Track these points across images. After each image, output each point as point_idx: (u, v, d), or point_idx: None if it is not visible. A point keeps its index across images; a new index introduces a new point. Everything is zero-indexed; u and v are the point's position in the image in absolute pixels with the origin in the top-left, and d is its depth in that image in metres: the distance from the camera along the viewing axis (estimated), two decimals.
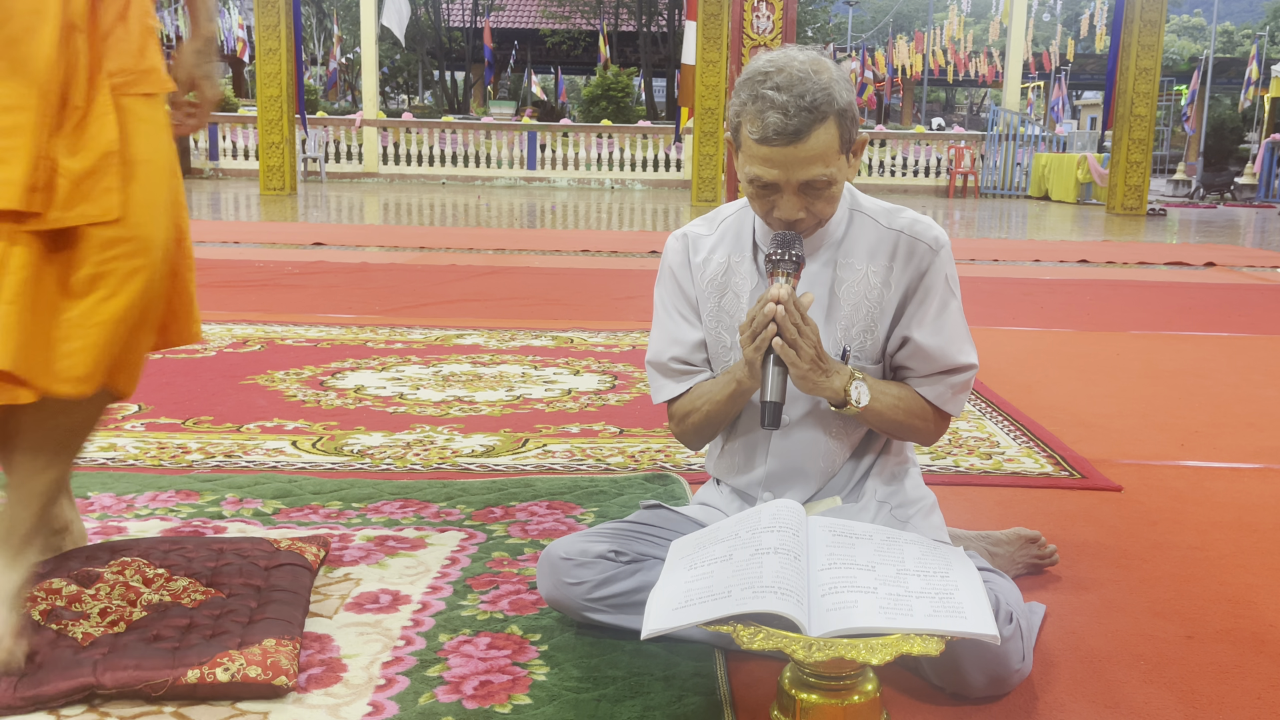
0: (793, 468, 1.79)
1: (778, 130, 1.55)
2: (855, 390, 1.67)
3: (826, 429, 1.77)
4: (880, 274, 1.73)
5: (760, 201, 1.66)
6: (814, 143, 1.56)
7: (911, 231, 1.73)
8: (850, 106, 1.60)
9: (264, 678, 1.51)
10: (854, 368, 1.72)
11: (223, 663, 1.52)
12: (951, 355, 1.73)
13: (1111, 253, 8.78)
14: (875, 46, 29.38)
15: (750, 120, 1.58)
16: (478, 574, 2.00)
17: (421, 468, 2.68)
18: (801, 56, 1.60)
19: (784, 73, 1.57)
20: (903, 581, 1.41)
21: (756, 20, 8.69)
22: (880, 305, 1.73)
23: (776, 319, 1.59)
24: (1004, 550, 2.07)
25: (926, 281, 1.72)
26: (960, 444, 2.99)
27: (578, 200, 14.97)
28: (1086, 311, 5.70)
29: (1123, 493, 2.61)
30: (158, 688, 1.49)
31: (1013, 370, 4.03)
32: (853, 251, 1.74)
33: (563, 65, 28.64)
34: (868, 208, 1.77)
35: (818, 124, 1.56)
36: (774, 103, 1.55)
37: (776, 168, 1.59)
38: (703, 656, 1.67)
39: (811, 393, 1.68)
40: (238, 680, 1.50)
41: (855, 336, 1.75)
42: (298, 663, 1.58)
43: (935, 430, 1.79)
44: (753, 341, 1.61)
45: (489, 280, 6.40)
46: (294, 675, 1.54)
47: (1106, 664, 1.72)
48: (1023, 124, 18.13)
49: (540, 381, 3.67)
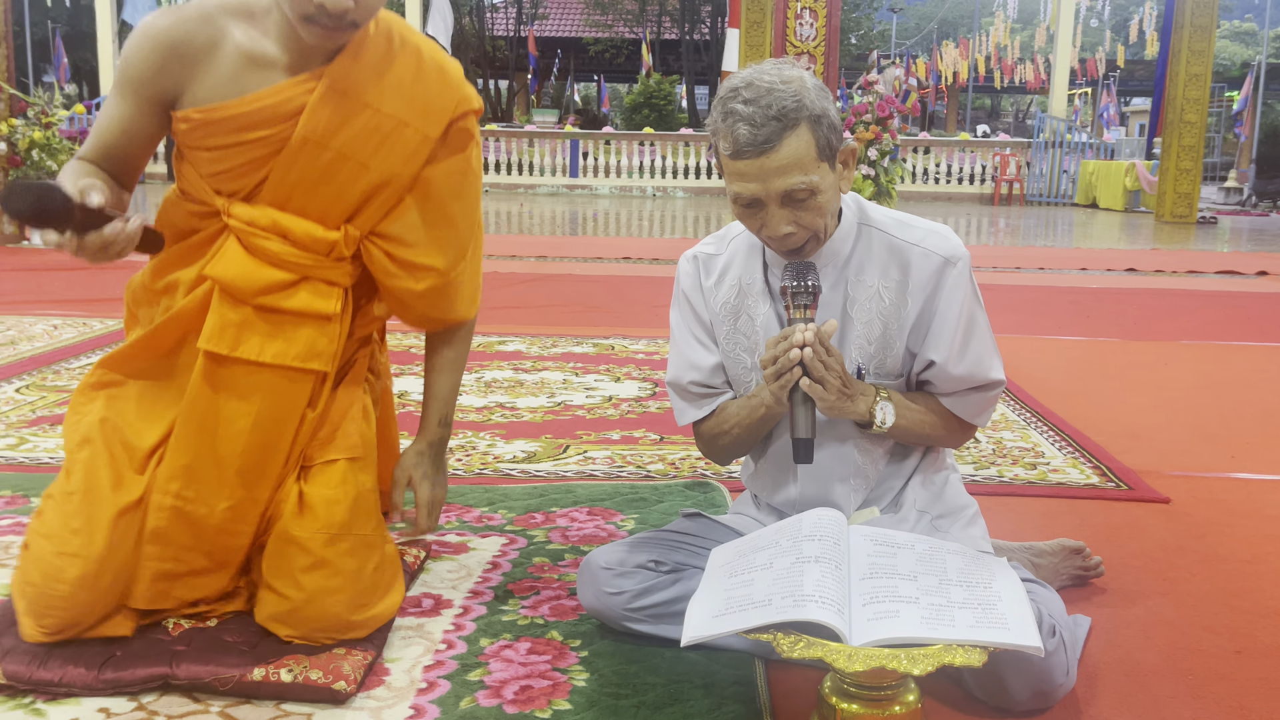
0: (824, 485, 1.77)
1: (748, 142, 1.54)
2: (880, 411, 1.66)
3: (856, 445, 1.76)
4: (894, 289, 1.70)
5: (749, 220, 1.63)
6: (786, 151, 1.54)
7: (925, 245, 1.69)
8: (826, 114, 1.57)
9: (324, 681, 1.54)
10: (877, 385, 1.71)
11: (288, 664, 1.57)
12: (979, 373, 1.71)
13: (1160, 261, 8.64)
14: (919, 54, 29.19)
15: (723, 137, 1.57)
16: (519, 579, 2.01)
17: (464, 473, 2.70)
18: (771, 70, 1.58)
19: (752, 87, 1.55)
20: (945, 592, 1.40)
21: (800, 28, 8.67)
22: (897, 322, 1.70)
23: (804, 361, 1.57)
24: (1048, 561, 2.05)
25: (945, 298, 1.68)
26: (1004, 454, 2.96)
27: (619, 208, 15.00)
28: (1134, 321, 5.62)
29: (1171, 505, 2.57)
30: (225, 682, 1.54)
31: (1058, 380, 3.98)
32: (863, 268, 1.71)
33: (605, 73, 28.73)
34: (877, 220, 1.73)
35: (787, 131, 1.54)
36: (742, 115, 1.54)
37: (753, 181, 1.56)
38: (742, 665, 1.67)
39: (838, 417, 1.67)
40: (299, 682, 1.54)
41: (872, 355, 1.72)
42: (364, 671, 1.60)
43: (960, 439, 1.79)
44: (777, 380, 1.59)
45: (531, 287, 6.43)
46: (354, 682, 1.56)
47: (1153, 679, 1.69)
48: (1069, 131, 17.91)
49: (581, 388, 3.68)
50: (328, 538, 1.62)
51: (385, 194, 1.68)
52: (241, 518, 1.64)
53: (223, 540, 1.64)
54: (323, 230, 1.65)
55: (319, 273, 1.66)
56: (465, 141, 1.74)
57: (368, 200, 1.67)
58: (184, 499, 1.61)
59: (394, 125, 1.64)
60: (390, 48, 1.65)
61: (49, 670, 1.54)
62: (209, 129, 1.60)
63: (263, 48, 1.59)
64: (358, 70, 1.61)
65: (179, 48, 1.57)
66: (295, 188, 1.63)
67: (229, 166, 1.62)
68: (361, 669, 1.59)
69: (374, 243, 1.70)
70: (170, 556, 1.61)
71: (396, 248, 1.71)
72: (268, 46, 1.59)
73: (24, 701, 1.52)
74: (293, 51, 1.59)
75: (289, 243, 1.64)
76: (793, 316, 1.61)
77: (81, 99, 18.84)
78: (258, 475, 1.65)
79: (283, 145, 1.60)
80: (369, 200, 1.67)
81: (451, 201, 1.74)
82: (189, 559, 1.62)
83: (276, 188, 1.63)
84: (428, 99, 1.67)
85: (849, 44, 30.46)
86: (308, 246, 1.64)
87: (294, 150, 1.60)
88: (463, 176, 1.74)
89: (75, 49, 25.83)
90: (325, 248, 1.65)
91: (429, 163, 1.70)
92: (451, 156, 1.72)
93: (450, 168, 1.72)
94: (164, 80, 1.59)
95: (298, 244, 1.64)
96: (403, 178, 1.68)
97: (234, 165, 1.62)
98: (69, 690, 1.53)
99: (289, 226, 1.63)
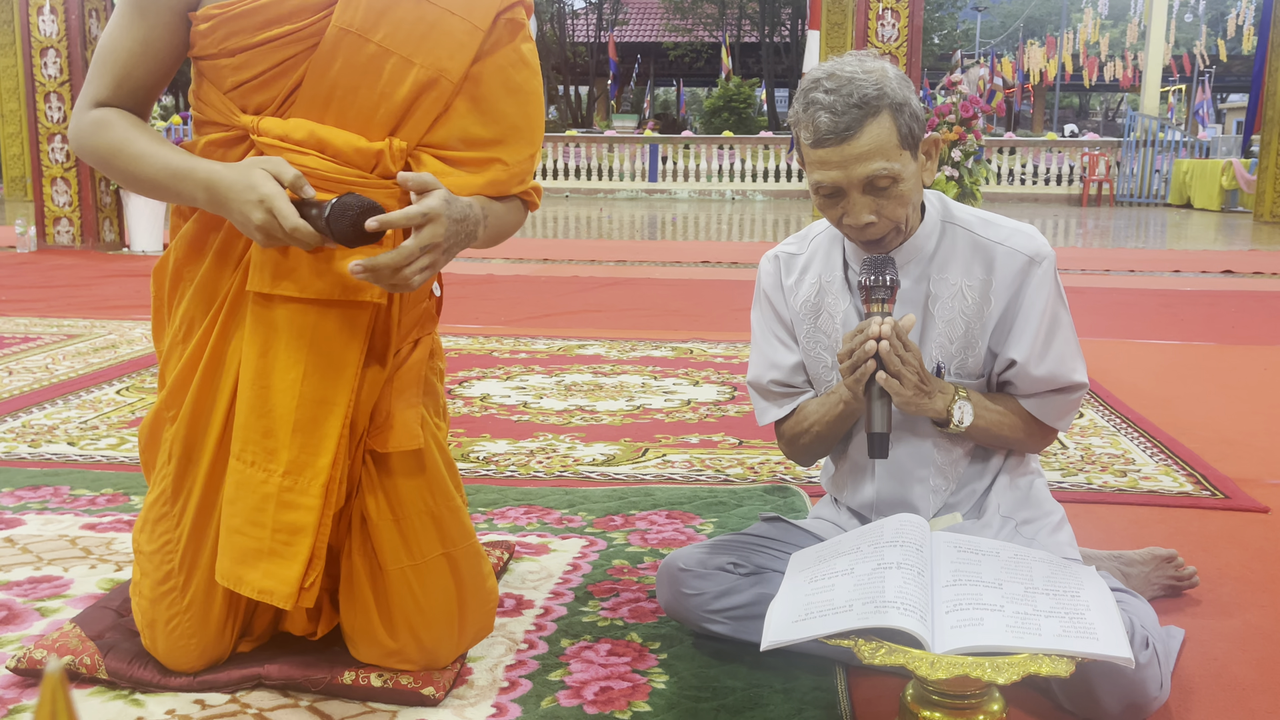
0: (903, 485, 1.75)
1: (829, 129, 1.54)
2: (959, 410, 1.65)
3: (935, 443, 1.74)
4: (977, 288, 1.68)
5: (830, 210, 1.63)
6: (867, 138, 1.54)
7: (1010, 244, 1.67)
8: (908, 102, 1.57)
9: (414, 686, 1.56)
10: (956, 384, 1.69)
11: (378, 668, 1.59)
12: (1061, 375, 1.68)
13: (1259, 263, 8.34)
14: (1004, 53, 28.62)
15: (804, 126, 1.58)
16: (598, 581, 2.03)
17: (544, 475, 2.73)
18: (852, 60, 1.59)
19: (833, 77, 1.56)
20: (1031, 600, 1.38)
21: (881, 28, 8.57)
22: (980, 321, 1.68)
23: (880, 354, 1.56)
24: (1138, 570, 1.99)
25: (1029, 297, 1.66)
26: (1093, 460, 2.89)
27: (698, 211, 14.99)
28: (1231, 324, 5.44)
29: (1270, 514, 2.48)
30: (316, 683, 1.57)
31: (1150, 385, 3.87)
32: (946, 265, 1.69)
33: (685, 77, 28.75)
34: (961, 218, 1.71)
35: (869, 119, 1.54)
36: (823, 104, 1.55)
37: (834, 169, 1.57)
38: (823, 670, 1.65)
39: (915, 414, 1.65)
40: (389, 686, 1.56)
41: (954, 354, 1.70)
42: (453, 679, 1.61)
43: (1041, 444, 1.75)
44: (853, 373, 1.59)
45: (610, 291, 6.46)
46: (444, 688, 1.57)
47: (1251, 694, 1.64)
48: (1162, 129, 17.40)
49: (660, 392, 3.69)
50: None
51: (432, 95, 1.52)
52: (303, 489, 1.50)
53: (285, 516, 1.49)
54: (366, 141, 1.49)
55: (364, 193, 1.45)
56: (515, 31, 1.59)
57: (413, 103, 1.51)
58: (244, 460, 1.50)
59: (439, 14, 1.50)
60: None
61: (148, 671, 1.59)
62: (232, 25, 1.45)
63: None
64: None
65: None
66: (333, 92, 1.47)
67: (256, 73, 1.47)
68: (451, 676, 1.61)
69: (424, 152, 1.54)
70: (236, 529, 1.51)
71: (450, 154, 1.55)
72: None
73: (123, 693, 1.58)
74: None
75: (328, 158, 1.47)
76: (870, 311, 1.60)
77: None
78: (315, 434, 1.50)
79: (316, 42, 1.45)
80: (415, 103, 1.51)
81: (505, 97, 1.58)
82: (255, 534, 1.50)
83: (312, 94, 1.47)
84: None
85: (932, 44, 30.01)
86: (350, 161, 1.48)
87: (330, 45, 1.45)
88: (515, 69, 1.58)
89: None
90: (369, 161, 1.49)
91: (477, 59, 1.54)
92: (500, 49, 1.57)
93: (501, 60, 1.57)
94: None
95: (339, 158, 1.48)
96: (451, 75, 1.52)
97: (261, 70, 1.47)
98: (165, 688, 1.58)
99: (327, 138, 1.47)
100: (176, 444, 1.59)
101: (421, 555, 1.59)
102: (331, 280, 1.49)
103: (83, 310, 5.44)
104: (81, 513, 2.38)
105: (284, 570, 1.49)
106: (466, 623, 1.64)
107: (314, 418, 1.50)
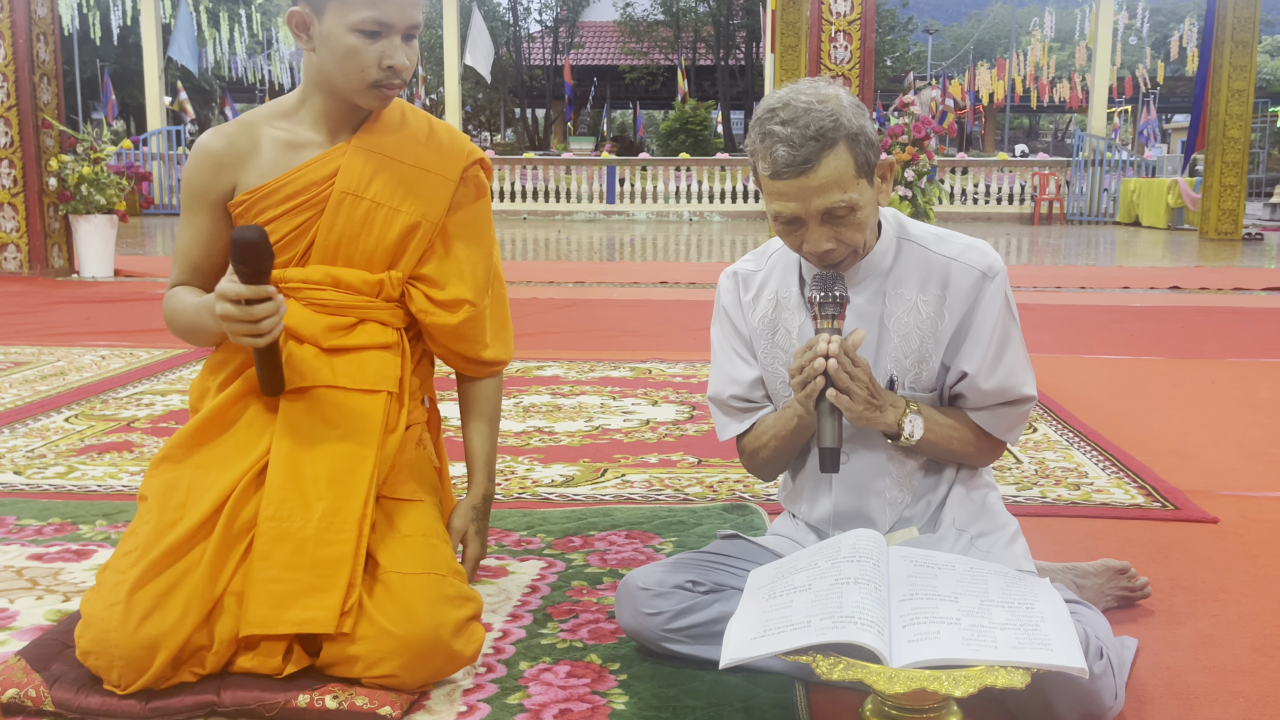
0: (859, 498, 1.77)
1: (786, 163, 1.56)
2: (909, 424, 1.67)
3: (889, 455, 1.75)
4: (932, 304, 1.71)
5: (789, 237, 1.66)
6: (825, 170, 1.56)
7: (964, 259, 1.71)
8: (863, 130, 1.59)
9: (370, 706, 1.56)
10: (907, 397, 1.70)
11: (333, 690, 1.58)
12: (1011, 388, 1.71)
13: (1205, 278, 8.52)
14: (954, 75, 29.07)
15: (761, 158, 1.60)
16: (557, 602, 2.02)
17: (502, 497, 2.71)
18: (808, 89, 1.60)
19: (789, 107, 1.58)
20: (987, 613, 1.39)
21: (834, 51, 8.68)
22: (934, 336, 1.71)
23: (828, 371, 1.58)
24: (1091, 582, 2.02)
25: (982, 312, 1.69)
26: (1047, 474, 2.93)
27: (656, 233, 15.05)
28: (1179, 339, 5.54)
29: (1219, 525, 2.52)
30: (270, 708, 1.56)
31: (1101, 399, 3.93)
32: (902, 281, 1.72)
33: (641, 100, 28.90)
34: (917, 235, 1.75)
35: (826, 151, 1.56)
36: (780, 137, 1.57)
37: (793, 200, 1.59)
38: (782, 687, 1.65)
39: (867, 427, 1.67)
40: (344, 709, 1.56)
41: (908, 368, 1.73)
42: (410, 700, 1.60)
43: (990, 457, 1.78)
44: (803, 389, 1.61)
45: (569, 312, 6.46)
46: (400, 708, 1.57)
47: (1204, 702, 1.66)
48: (1109, 149, 17.74)
49: (619, 412, 3.69)
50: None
51: (418, 237, 1.89)
52: (339, 527, 1.68)
53: (323, 552, 1.66)
54: (370, 275, 1.87)
55: (373, 314, 1.87)
56: (479, 192, 1.98)
57: (404, 243, 1.88)
58: (278, 519, 1.68)
59: (417, 173, 1.89)
60: (404, 117, 1.92)
61: (96, 698, 1.56)
62: (261, 203, 1.83)
63: (297, 134, 1.86)
64: (380, 134, 1.88)
65: (228, 154, 1.84)
66: (340, 240, 1.85)
67: (280, 235, 1.83)
68: (408, 699, 1.60)
69: (414, 285, 1.92)
70: (272, 578, 1.64)
71: (432, 288, 1.92)
72: (302, 132, 1.86)
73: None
74: (324, 131, 1.86)
75: (342, 290, 1.85)
76: (820, 327, 1.62)
77: (129, 135, 19.25)
78: (349, 482, 1.73)
79: (324, 204, 1.84)
80: (405, 243, 1.88)
81: (472, 244, 1.96)
82: (293, 576, 1.64)
83: (324, 244, 1.85)
84: (441, 151, 1.92)
85: (884, 66, 30.43)
86: (359, 290, 1.86)
87: (335, 205, 1.83)
88: (477, 224, 1.97)
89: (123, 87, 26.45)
90: (374, 289, 1.87)
91: (451, 210, 1.93)
92: (467, 205, 1.96)
93: (466, 216, 1.95)
94: (220, 183, 1.84)
95: (350, 289, 1.86)
96: (431, 219, 1.89)
97: (285, 233, 1.83)
98: (113, 714, 1.55)
99: (340, 276, 1.85)
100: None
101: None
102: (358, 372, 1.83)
103: (29, 337, 5.34)
104: (28, 543, 2.33)
105: (325, 600, 1.62)
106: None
107: (348, 470, 1.74)
